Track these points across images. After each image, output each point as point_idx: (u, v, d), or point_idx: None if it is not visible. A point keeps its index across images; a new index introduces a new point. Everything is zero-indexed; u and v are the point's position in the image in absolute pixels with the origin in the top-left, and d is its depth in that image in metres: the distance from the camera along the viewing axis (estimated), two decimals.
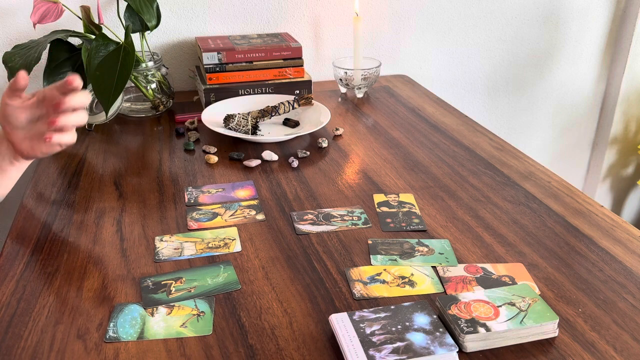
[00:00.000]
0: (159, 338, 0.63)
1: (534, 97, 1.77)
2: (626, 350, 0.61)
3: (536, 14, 1.64)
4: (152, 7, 1.19)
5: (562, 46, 1.71)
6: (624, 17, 1.72)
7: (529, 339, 0.61)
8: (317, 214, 0.87)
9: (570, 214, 0.87)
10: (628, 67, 1.75)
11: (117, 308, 0.67)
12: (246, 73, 1.28)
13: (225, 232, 0.83)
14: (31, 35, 1.25)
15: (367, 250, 0.78)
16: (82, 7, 1.13)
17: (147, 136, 1.17)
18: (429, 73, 1.63)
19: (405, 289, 0.70)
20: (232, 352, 0.61)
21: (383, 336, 0.59)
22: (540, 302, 0.64)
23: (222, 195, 0.93)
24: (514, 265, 0.75)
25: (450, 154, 1.07)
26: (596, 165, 1.91)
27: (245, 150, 1.09)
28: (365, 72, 1.36)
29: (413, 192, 0.94)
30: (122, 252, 0.78)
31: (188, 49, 1.41)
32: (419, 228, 0.83)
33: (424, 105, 1.33)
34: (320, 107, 1.20)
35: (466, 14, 1.59)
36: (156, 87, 1.25)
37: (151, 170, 1.02)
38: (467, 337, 0.59)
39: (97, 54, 1.05)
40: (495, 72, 1.69)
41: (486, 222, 0.85)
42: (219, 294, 0.70)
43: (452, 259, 0.76)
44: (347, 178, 0.99)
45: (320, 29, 1.49)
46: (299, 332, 0.64)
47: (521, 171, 1.00)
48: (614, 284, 0.71)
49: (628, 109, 1.82)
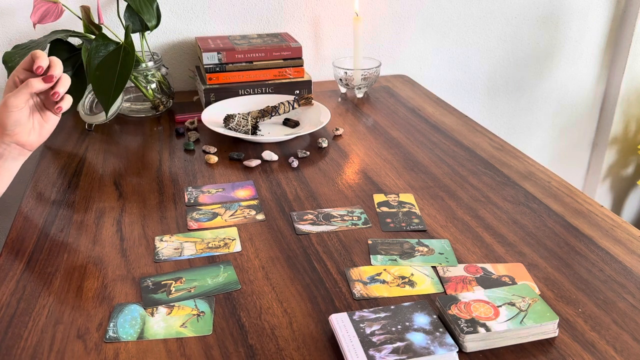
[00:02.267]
0: (159, 338, 0.63)
1: (534, 97, 1.77)
2: (626, 350, 0.61)
3: (536, 14, 1.64)
4: (152, 7, 1.19)
5: (562, 46, 1.71)
6: (624, 17, 1.72)
7: (529, 339, 0.61)
8: (317, 214, 0.87)
9: (570, 214, 0.87)
10: (628, 67, 1.75)
11: (117, 308, 0.67)
12: (246, 73, 1.28)
13: (225, 232, 0.83)
14: (31, 35, 1.26)
15: (367, 250, 0.78)
16: (82, 7, 1.13)
17: (147, 136, 1.17)
18: (429, 73, 1.63)
19: (405, 289, 0.70)
20: (232, 352, 0.61)
21: (383, 336, 0.59)
22: (540, 302, 0.64)
23: (222, 195, 0.93)
24: (514, 265, 0.75)
25: (450, 154, 1.07)
26: (596, 165, 1.91)
27: (245, 150, 1.09)
28: (365, 72, 1.36)
29: (413, 192, 0.94)
30: (122, 252, 0.78)
31: (188, 49, 1.41)
32: (419, 228, 0.83)
33: (424, 105, 1.33)
34: (320, 107, 1.20)
35: (466, 14, 1.59)
36: (156, 87, 1.25)
37: (151, 170, 1.02)
38: (467, 337, 0.59)
39: (97, 54, 1.05)
40: (495, 72, 1.69)
41: (486, 222, 0.85)
42: (219, 294, 0.70)
43: (452, 259, 0.76)
44: (347, 178, 0.99)
45: (320, 29, 1.49)
46: (299, 332, 0.64)
47: (521, 171, 1.00)
48: (614, 284, 0.71)
49: (628, 109, 1.82)
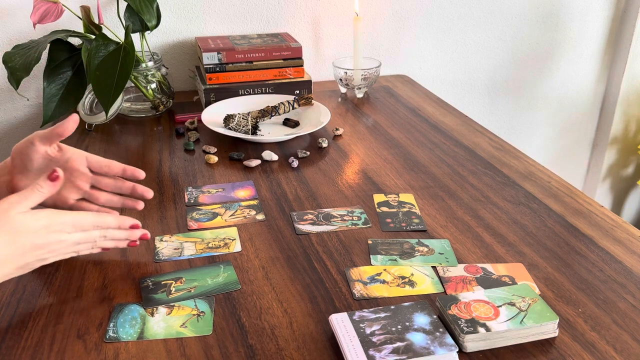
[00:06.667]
0: (159, 338, 0.63)
1: (534, 97, 1.77)
2: (626, 350, 0.61)
3: (536, 13, 1.64)
4: (152, 7, 1.19)
5: (562, 46, 1.71)
6: (624, 17, 1.72)
7: (529, 339, 0.61)
8: (317, 214, 0.87)
9: (570, 214, 0.87)
10: (628, 67, 1.75)
11: (117, 308, 0.67)
12: (246, 73, 1.28)
13: (225, 232, 0.83)
14: (31, 35, 1.26)
15: (367, 250, 0.78)
16: (82, 7, 1.13)
17: (147, 136, 1.17)
18: (429, 73, 1.63)
19: (405, 289, 0.70)
20: (232, 352, 0.61)
21: (383, 336, 0.59)
22: (540, 302, 0.64)
23: (222, 195, 0.93)
24: (514, 265, 0.75)
25: (450, 154, 1.07)
26: (596, 165, 1.91)
27: (245, 150, 1.09)
28: (365, 72, 1.36)
29: (413, 192, 0.94)
30: (122, 252, 0.78)
31: (188, 49, 1.41)
32: (419, 228, 0.83)
33: (424, 105, 1.33)
34: (320, 107, 1.20)
35: (466, 14, 1.59)
36: (156, 87, 1.25)
37: (151, 170, 1.02)
38: (467, 337, 0.59)
39: (97, 54, 1.05)
40: (495, 72, 1.69)
41: (486, 222, 0.85)
42: (219, 294, 0.70)
43: (452, 259, 0.76)
44: (347, 178, 0.99)
45: (320, 29, 1.49)
46: (299, 332, 0.64)
47: (521, 171, 1.00)
48: (614, 284, 0.71)
49: (628, 109, 1.82)
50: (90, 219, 0.69)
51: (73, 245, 0.68)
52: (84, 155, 0.76)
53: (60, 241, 0.66)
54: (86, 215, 0.69)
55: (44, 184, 0.66)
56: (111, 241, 0.72)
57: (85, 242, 0.69)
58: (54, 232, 0.65)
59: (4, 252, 0.61)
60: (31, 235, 0.63)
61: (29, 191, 0.65)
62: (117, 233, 0.72)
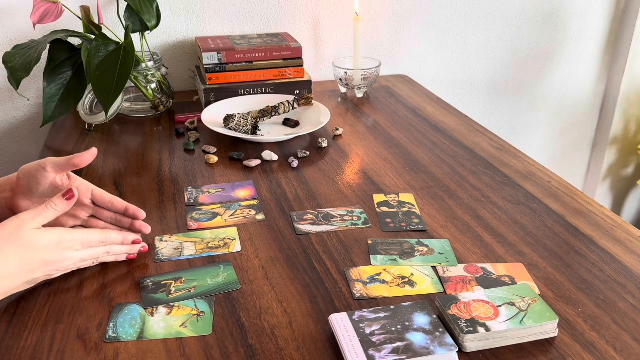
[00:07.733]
0: (158, 338, 0.63)
1: (534, 97, 1.77)
2: (626, 350, 0.61)
3: (536, 14, 1.64)
4: (152, 7, 1.19)
5: (562, 46, 1.71)
6: (624, 17, 1.72)
7: (529, 339, 0.61)
8: (317, 214, 0.87)
9: (570, 214, 0.87)
10: (628, 67, 1.75)
11: (117, 308, 0.67)
12: (246, 73, 1.28)
13: (225, 232, 0.83)
14: (31, 35, 1.25)
15: (367, 250, 0.78)
16: (82, 7, 1.13)
17: (147, 136, 1.17)
18: (429, 73, 1.63)
19: (405, 289, 0.70)
20: (232, 352, 0.61)
21: (383, 336, 0.59)
22: (540, 302, 0.64)
23: (222, 195, 0.93)
24: (513, 265, 0.75)
25: (450, 154, 1.07)
26: (596, 165, 1.91)
27: (245, 150, 1.09)
28: (365, 72, 1.36)
29: (413, 192, 0.94)
30: None
31: (188, 49, 1.41)
32: (419, 228, 0.83)
33: (424, 105, 1.33)
34: (320, 107, 1.20)
35: (466, 14, 1.59)
36: (156, 87, 1.25)
37: (151, 170, 1.02)
38: (467, 337, 0.59)
39: (97, 54, 1.05)
40: (495, 72, 1.69)
41: (486, 222, 0.85)
42: (219, 294, 0.70)
43: (452, 259, 0.76)
44: (347, 178, 0.99)
45: (320, 29, 1.49)
46: (299, 332, 0.64)
47: (521, 171, 1.00)
48: (614, 284, 0.71)
49: (628, 109, 1.82)
50: (98, 236, 0.72)
51: (79, 262, 0.70)
52: (90, 188, 0.77)
53: (69, 258, 0.68)
54: (94, 232, 0.72)
55: (58, 202, 0.68)
56: (113, 256, 0.75)
57: (90, 258, 0.72)
58: (65, 249, 0.67)
59: (15, 266, 0.63)
60: (42, 251, 0.65)
61: (43, 208, 0.67)
62: (119, 248, 0.75)
